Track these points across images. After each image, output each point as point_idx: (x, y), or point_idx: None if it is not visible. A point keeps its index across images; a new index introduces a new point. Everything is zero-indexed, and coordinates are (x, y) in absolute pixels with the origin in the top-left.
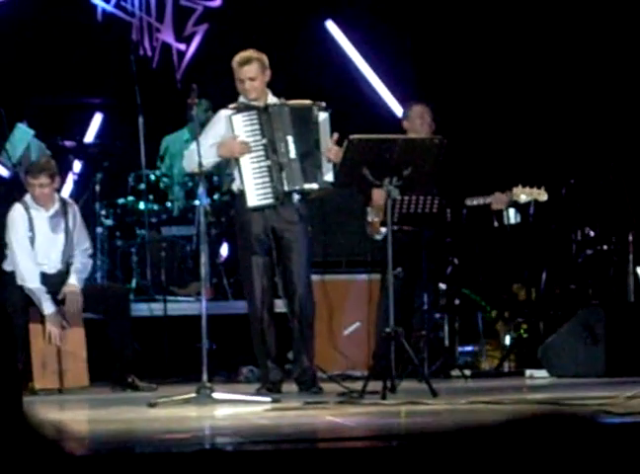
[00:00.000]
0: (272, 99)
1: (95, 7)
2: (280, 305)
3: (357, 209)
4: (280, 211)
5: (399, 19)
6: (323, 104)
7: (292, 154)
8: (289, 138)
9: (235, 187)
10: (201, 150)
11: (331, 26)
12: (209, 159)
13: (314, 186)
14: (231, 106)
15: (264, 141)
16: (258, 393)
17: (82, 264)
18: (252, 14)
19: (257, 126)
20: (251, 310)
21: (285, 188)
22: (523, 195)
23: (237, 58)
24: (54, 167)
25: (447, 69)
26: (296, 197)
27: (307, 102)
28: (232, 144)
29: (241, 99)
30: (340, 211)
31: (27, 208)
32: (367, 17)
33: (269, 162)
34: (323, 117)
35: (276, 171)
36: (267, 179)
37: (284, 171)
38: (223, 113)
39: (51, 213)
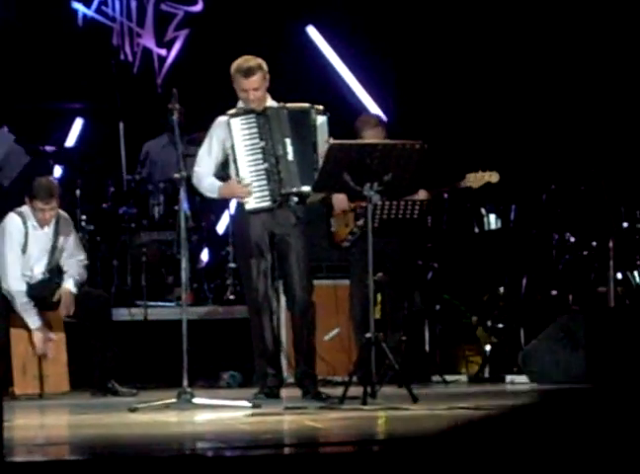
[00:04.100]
0: (270, 103)
1: (76, 12)
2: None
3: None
4: (278, 215)
5: (380, 24)
6: (321, 107)
7: (290, 157)
8: (287, 141)
9: None
10: (208, 167)
11: (312, 31)
12: (209, 194)
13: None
14: (229, 112)
15: (262, 144)
16: (255, 397)
17: (79, 274)
18: (233, 19)
19: (255, 130)
20: (251, 313)
21: (283, 190)
22: (475, 179)
23: (239, 68)
24: (58, 186)
25: (428, 74)
26: (294, 199)
27: (305, 105)
28: (236, 188)
29: (240, 103)
30: (321, 216)
31: (24, 222)
32: (348, 22)
33: (266, 165)
34: (321, 120)
35: (273, 174)
36: (264, 182)
37: (282, 174)
38: (220, 119)
39: (46, 230)
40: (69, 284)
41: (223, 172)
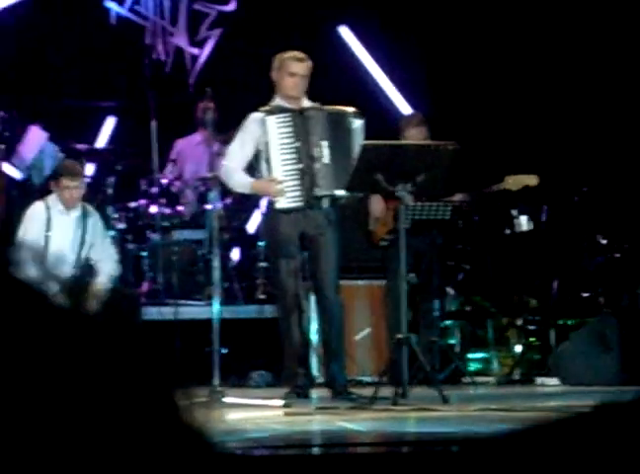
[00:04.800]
0: (307, 103)
1: (109, 10)
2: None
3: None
4: (310, 216)
5: (412, 24)
6: (358, 111)
7: (326, 159)
8: (324, 143)
9: None
10: (238, 162)
11: (344, 31)
12: (239, 189)
13: (345, 192)
14: (264, 108)
15: (297, 144)
16: (286, 397)
17: (113, 269)
18: (265, 19)
19: (290, 129)
20: (280, 312)
21: (316, 193)
22: (514, 182)
23: (292, 54)
24: (82, 168)
25: (460, 74)
26: (326, 202)
27: (343, 108)
28: (269, 185)
29: (275, 101)
30: (354, 216)
31: (48, 208)
32: (380, 23)
33: (301, 165)
34: (357, 123)
35: (307, 175)
36: (297, 182)
37: (317, 176)
38: (255, 115)
39: (72, 217)
40: (102, 278)
41: (247, 170)
